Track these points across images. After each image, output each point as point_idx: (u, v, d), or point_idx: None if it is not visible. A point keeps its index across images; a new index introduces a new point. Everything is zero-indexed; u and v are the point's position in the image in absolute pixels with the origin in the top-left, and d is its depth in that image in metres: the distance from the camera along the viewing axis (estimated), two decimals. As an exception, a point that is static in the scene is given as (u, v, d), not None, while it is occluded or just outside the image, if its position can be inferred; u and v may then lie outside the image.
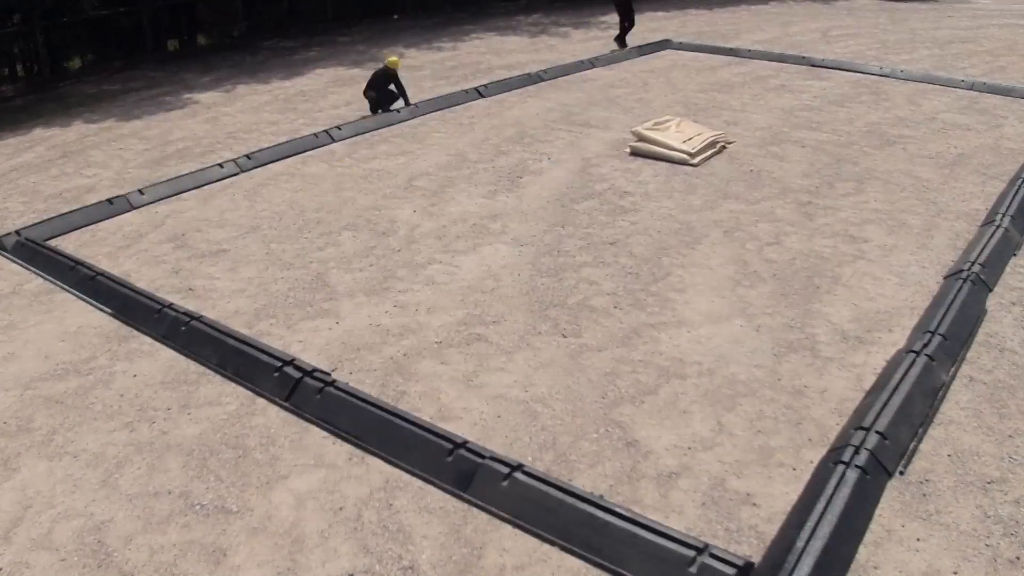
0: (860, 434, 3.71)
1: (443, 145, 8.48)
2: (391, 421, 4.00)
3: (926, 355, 4.30)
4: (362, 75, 11.86)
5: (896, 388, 4.03)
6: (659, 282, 5.45)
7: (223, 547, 3.41)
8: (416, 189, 7.28)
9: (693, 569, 3.10)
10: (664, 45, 13.10)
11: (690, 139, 7.68)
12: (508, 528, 3.46)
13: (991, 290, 5.20)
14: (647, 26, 15.15)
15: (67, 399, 4.47)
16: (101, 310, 5.35)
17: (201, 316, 4.99)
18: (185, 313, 5.03)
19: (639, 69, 11.70)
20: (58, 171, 8.18)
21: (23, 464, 3.97)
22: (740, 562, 3.11)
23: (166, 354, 4.85)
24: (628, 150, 7.89)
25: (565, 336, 4.85)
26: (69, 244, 6.37)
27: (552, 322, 5.01)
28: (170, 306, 5.14)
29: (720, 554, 3.14)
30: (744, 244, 5.97)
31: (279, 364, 4.48)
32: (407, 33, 15.17)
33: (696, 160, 7.49)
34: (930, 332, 4.53)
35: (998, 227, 5.88)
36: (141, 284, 5.60)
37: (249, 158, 8.00)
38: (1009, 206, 6.26)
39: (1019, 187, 6.64)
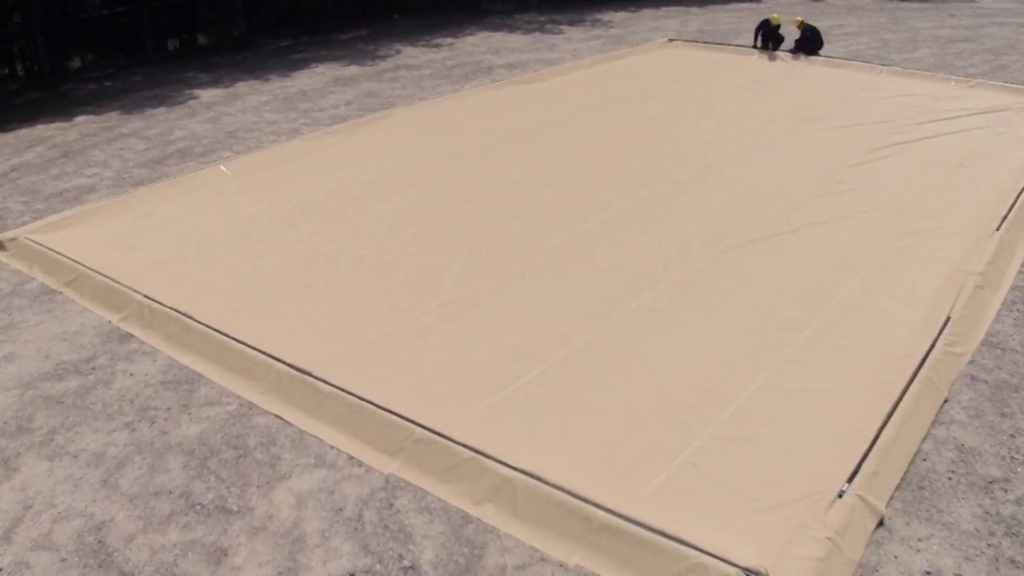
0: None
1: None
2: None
3: None
4: (362, 74, 11.87)
5: None
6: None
7: (224, 547, 3.41)
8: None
9: None
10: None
11: None
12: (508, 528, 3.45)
13: None
14: (647, 25, 15.14)
15: (67, 399, 4.47)
16: (101, 310, 5.35)
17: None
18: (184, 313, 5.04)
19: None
20: (58, 171, 8.17)
21: (23, 464, 3.97)
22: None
23: (166, 354, 4.85)
24: None
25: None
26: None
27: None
28: (170, 306, 5.14)
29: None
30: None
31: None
32: (407, 32, 15.16)
33: None
34: None
35: None
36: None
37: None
38: None
39: None
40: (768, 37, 12.12)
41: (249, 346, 4.64)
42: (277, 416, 4.22)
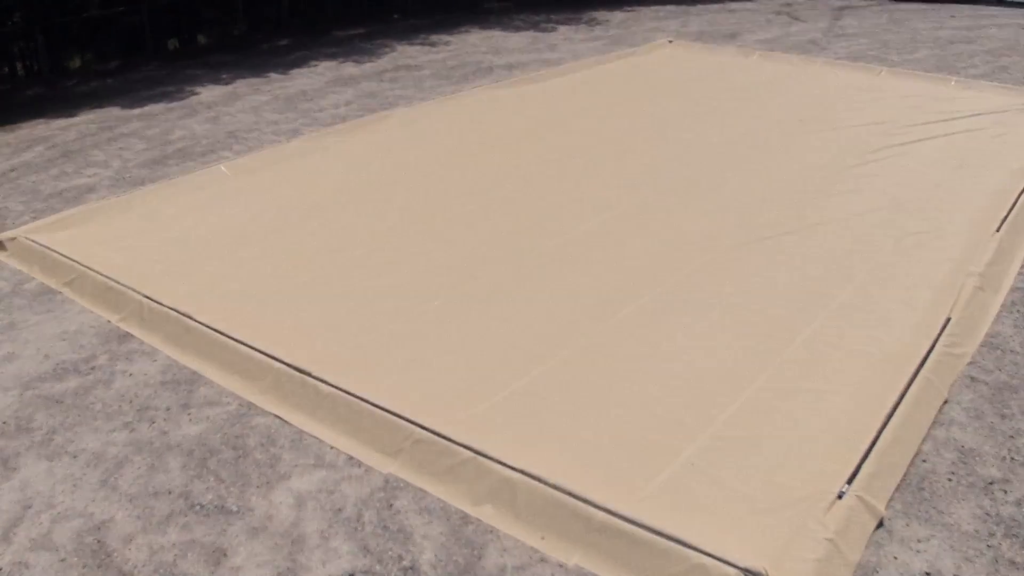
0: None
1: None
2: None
3: None
4: (362, 74, 11.88)
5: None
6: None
7: (223, 547, 3.41)
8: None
9: None
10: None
11: None
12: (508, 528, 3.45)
13: None
14: (647, 25, 15.14)
15: (67, 399, 4.47)
16: (100, 310, 5.34)
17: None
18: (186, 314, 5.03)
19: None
20: (58, 170, 8.17)
21: (23, 464, 3.97)
22: None
23: (165, 354, 4.85)
24: None
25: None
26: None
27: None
28: (169, 306, 5.14)
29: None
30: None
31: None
32: (407, 32, 15.15)
33: None
34: None
35: None
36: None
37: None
38: None
39: None
40: None
41: (248, 346, 4.64)
42: (277, 416, 4.22)
